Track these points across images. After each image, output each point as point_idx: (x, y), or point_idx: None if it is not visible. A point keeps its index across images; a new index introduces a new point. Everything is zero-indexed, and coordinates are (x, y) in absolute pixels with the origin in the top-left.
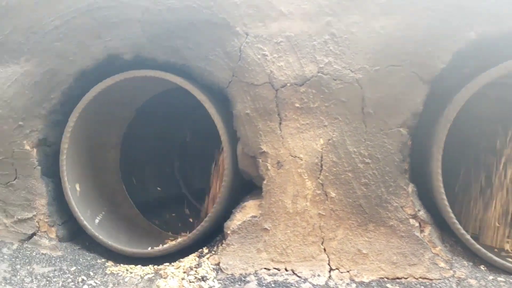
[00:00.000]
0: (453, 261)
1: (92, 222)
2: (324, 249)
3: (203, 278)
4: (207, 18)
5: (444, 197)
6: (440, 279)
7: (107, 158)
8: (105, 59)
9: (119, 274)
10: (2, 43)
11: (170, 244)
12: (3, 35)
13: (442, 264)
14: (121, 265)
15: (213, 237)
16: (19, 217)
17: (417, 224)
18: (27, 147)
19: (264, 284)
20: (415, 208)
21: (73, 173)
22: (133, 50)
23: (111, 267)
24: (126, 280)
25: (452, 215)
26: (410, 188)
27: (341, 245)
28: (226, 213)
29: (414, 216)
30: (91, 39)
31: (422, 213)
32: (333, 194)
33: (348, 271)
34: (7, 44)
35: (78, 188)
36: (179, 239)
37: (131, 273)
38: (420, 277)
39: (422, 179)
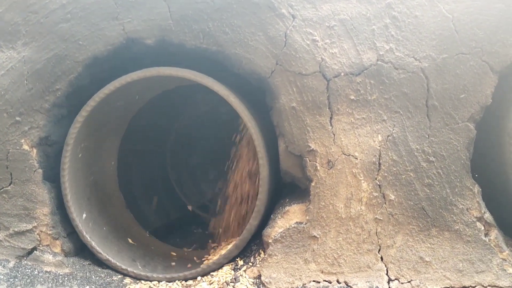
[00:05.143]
0: None
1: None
2: (382, 258)
3: None
4: None
5: None
6: (510, 287)
7: (106, 167)
8: (122, 43)
9: None
10: None
11: (215, 258)
12: None
13: (511, 270)
14: (142, 282)
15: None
16: (15, 230)
17: (482, 228)
18: (26, 147)
19: None
20: (481, 210)
21: (76, 184)
22: (157, 34)
23: (131, 285)
24: None
25: None
26: (476, 188)
27: (401, 252)
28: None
29: (480, 219)
30: (106, 20)
31: (487, 216)
32: (392, 197)
33: (409, 282)
34: (0, 25)
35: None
36: (229, 248)
37: None
38: (489, 285)
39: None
